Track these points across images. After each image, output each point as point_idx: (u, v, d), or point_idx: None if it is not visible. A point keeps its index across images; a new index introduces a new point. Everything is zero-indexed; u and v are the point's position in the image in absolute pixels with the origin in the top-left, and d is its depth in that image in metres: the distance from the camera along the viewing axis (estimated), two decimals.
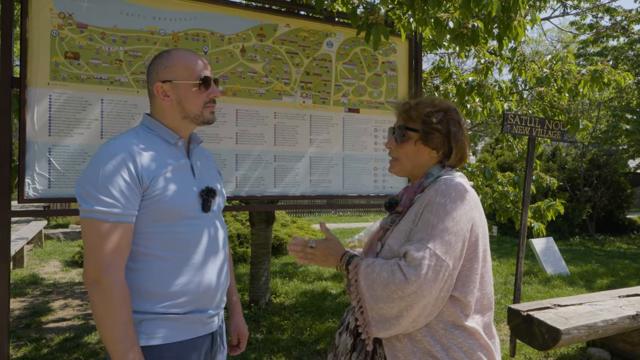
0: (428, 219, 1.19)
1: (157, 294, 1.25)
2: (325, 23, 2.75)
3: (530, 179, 3.77)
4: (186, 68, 1.33)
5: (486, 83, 4.08)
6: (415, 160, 1.34)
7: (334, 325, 4.28)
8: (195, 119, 1.36)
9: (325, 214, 16.01)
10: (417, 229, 1.20)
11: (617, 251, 9.58)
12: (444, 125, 1.31)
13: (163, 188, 1.24)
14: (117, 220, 1.17)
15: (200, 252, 1.31)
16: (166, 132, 1.34)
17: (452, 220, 1.17)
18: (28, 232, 7.53)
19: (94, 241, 1.17)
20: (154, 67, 1.35)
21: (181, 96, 1.33)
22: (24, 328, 4.21)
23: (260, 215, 4.85)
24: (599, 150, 12.69)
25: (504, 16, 2.45)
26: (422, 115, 1.31)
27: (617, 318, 3.22)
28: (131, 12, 2.24)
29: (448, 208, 1.19)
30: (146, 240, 1.24)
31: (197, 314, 1.31)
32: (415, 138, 1.32)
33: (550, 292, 5.79)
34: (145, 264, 1.25)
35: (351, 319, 1.32)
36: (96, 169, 1.19)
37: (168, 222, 1.26)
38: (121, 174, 1.18)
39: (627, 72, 4.09)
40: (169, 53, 1.36)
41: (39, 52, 2.06)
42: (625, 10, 10.42)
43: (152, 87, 1.34)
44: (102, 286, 1.15)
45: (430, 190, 1.25)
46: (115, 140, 1.26)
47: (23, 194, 2.01)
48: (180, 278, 1.27)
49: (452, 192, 1.21)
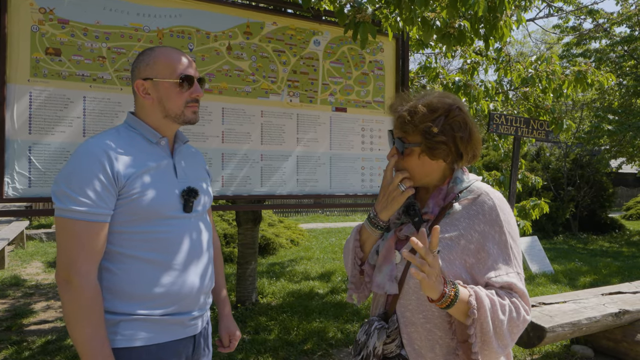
0: (502, 240, 1.14)
1: (135, 295, 1.22)
2: (313, 21, 2.74)
3: (515, 178, 3.81)
4: (168, 66, 1.30)
5: (472, 83, 4.11)
6: (422, 172, 1.21)
7: (321, 326, 4.27)
8: (177, 118, 1.33)
9: (313, 213, 16.01)
10: (493, 253, 1.12)
11: (600, 249, 9.76)
12: (448, 134, 1.16)
13: (140, 187, 1.22)
14: (90, 219, 1.16)
15: (182, 253, 1.28)
16: (148, 131, 1.32)
17: (517, 234, 1.18)
18: (9, 232, 7.36)
19: (65, 240, 1.16)
20: (136, 65, 1.33)
21: (162, 95, 1.31)
22: (5, 331, 4.12)
23: (247, 215, 4.82)
24: (582, 151, 12.93)
25: (490, 16, 2.47)
26: (421, 129, 1.16)
27: (600, 316, 3.27)
28: (114, 7, 2.19)
29: (512, 223, 1.17)
30: (124, 240, 1.22)
31: (178, 316, 1.28)
32: (418, 152, 1.18)
33: (535, 290, 5.87)
34: (124, 265, 1.22)
35: (377, 343, 1.17)
36: (71, 167, 1.18)
37: (146, 222, 1.23)
38: (95, 173, 1.16)
39: (609, 73, 4.16)
40: (152, 50, 1.33)
41: (19, 48, 2.00)
42: (607, 13, 10.62)
43: (134, 85, 1.32)
44: (71, 286, 1.14)
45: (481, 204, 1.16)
46: (94, 139, 1.24)
47: (2, 193, 1.95)
48: (159, 279, 1.24)
49: (505, 206, 1.18)
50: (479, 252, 1.13)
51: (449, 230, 1.16)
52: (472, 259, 1.13)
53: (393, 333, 1.18)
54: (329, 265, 7.25)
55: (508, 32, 2.57)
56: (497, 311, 1.07)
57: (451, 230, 1.16)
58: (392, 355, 1.17)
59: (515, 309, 1.09)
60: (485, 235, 1.13)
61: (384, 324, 1.20)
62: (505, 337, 1.09)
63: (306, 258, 7.81)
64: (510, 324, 1.09)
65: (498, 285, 1.11)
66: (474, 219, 1.15)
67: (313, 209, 16.18)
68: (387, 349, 1.18)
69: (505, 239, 1.14)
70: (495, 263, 1.12)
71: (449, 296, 1.04)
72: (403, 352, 1.17)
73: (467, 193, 1.19)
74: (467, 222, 1.15)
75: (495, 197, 1.18)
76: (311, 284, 5.95)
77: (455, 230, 1.15)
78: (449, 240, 1.14)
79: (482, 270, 1.13)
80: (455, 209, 1.18)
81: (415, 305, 1.17)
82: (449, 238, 1.15)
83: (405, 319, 1.17)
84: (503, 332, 1.08)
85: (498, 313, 1.07)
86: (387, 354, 1.18)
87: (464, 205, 1.18)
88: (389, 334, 1.18)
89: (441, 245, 1.14)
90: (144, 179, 1.23)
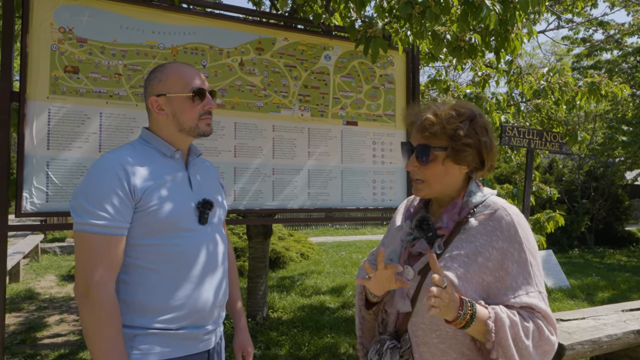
0: (522, 259, 1.09)
1: (151, 309, 1.22)
2: (323, 37, 2.77)
3: (529, 191, 3.77)
4: (180, 81, 1.32)
5: (483, 95, 4.11)
6: (444, 181, 1.17)
7: (332, 341, 4.22)
8: (191, 131, 1.35)
9: (323, 226, 15.96)
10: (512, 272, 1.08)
11: (617, 264, 9.55)
12: (474, 138, 1.14)
13: (157, 200, 1.23)
14: (108, 232, 1.17)
15: (197, 265, 1.29)
16: (163, 145, 1.33)
17: (537, 251, 1.14)
18: (24, 246, 7.46)
19: (84, 254, 1.17)
20: (149, 82, 1.35)
21: (176, 109, 1.33)
22: (19, 344, 4.14)
23: (258, 228, 4.82)
24: (595, 162, 12.75)
25: (502, 29, 2.47)
26: (449, 131, 1.13)
27: (621, 333, 3.18)
28: (131, 26, 2.25)
29: (531, 240, 1.13)
30: (141, 253, 1.23)
31: (192, 330, 1.28)
32: (443, 157, 1.15)
33: (552, 305, 5.75)
34: (140, 277, 1.23)
35: None
36: (89, 182, 1.20)
37: (163, 235, 1.24)
38: (113, 187, 1.18)
39: (623, 84, 4.13)
40: (163, 67, 1.36)
41: (39, 66, 2.06)
42: (618, 24, 10.57)
43: (148, 102, 1.35)
44: (90, 299, 1.15)
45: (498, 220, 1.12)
46: (110, 153, 1.27)
47: (20, 208, 1.99)
48: (175, 292, 1.25)
49: (523, 222, 1.14)
50: (497, 271, 1.09)
51: (465, 246, 1.11)
52: (490, 278, 1.09)
53: (406, 353, 1.14)
54: (339, 279, 7.20)
55: (520, 44, 2.57)
56: (518, 332, 1.02)
57: (467, 246, 1.11)
58: None
59: (539, 329, 1.05)
60: (504, 253, 1.09)
61: (396, 344, 1.16)
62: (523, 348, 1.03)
63: (316, 272, 7.77)
64: (536, 348, 1.05)
65: (518, 306, 1.06)
66: (491, 236, 1.11)
67: (323, 222, 16.13)
68: None
69: (526, 256, 1.09)
70: (515, 282, 1.08)
71: (464, 317, 1.00)
72: None
73: (483, 208, 1.15)
74: (485, 238, 1.11)
75: (512, 212, 1.14)
76: (322, 298, 5.91)
77: (472, 247, 1.10)
78: (466, 257, 1.10)
79: (500, 289, 1.09)
80: (471, 225, 1.13)
81: (428, 324, 1.13)
82: (465, 255, 1.10)
83: (418, 338, 1.13)
84: (529, 356, 1.04)
85: (520, 335, 1.02)
86: None
87: (481, 221, 1.13)
88: (401, 354, 1.14)
89: (457, 262, 1.10)
90: (160, 191, 1.25)
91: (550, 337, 1.06)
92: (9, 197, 2.01)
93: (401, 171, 2.98)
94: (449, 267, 1.09)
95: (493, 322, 1.02)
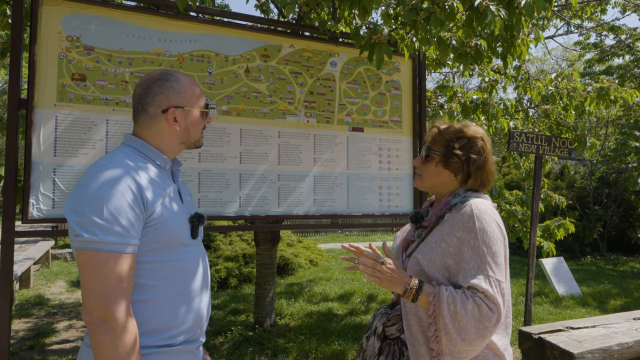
0: (476, 246, 1.27)
1: (156, 328, 1.17)
2: (329, 43, 2.78)
3: (538, 197, 3.72)
4: (194, 94, 1.31)
5: (491, 101, 4.08)
6: (435, 180, 1.45)
7: (340, 348, 4.19)
8: (194, 143, 1.35)
9: (332, 233, 15.92)
10: (466, 257, 1.27)
11: (630, 271, 9.37)
12: (465, 152, 1.40)
13: (162, 214, 1.17)
14: (124, 251, 1.07)
15: (196, 279, 1.26)
16: (158, 156, 1.27)
17: (495, 242, 1.28)
18: (35, 252, 7.54)
19: (99, 274, 1.05)
20: (161, 90, 1.27)
21: (189, 123, 1.30)
22: (28, 350, 4.17)
23: (265, 235, 4.82)
24: (608, 168, 12.56)
25: (507, 35, 2.46)
26: (445, 141, 1.43)
27: (633, 341, 3.10)
28: (137, 34, 2.28)
29: (489, 232, 1.28)
30: (145, 270, 1.16)
31: (188, 345, 1.24)
32: (437, 160, 1.43)
33: (562, 313, 5.65)
34: (145, 296, 1.16)
35: (378, 324, 1.42)
36: (98, 193, 1.08)
37: (167, 250, 1.19)
38: (127, 200, 1.09)
39: (634, 90, 4.07)
40: (175, 78, 1.30)
41: (47, 74, 2.09)
42: (630, 29, 10.45)
43: (159, 110, 1.26)
44: (111, 324, 1.03)
45: (462, 214, 1.32)
46: (111, 162, 1.15)
47: (27, 214, 2.01)
48: (179, 308, 1.20)
49: (485, 216, 1.30)
50: (455, 255, 1.29)
51: (436, 235, 1.35)
52: (450, 261, 1.30)
53: (393, 318, 1.40)
54: (348, 286, 7.15)
55: (526, 50, 2.56)
56: (456, 306, 1.21)
57: (437, 235, 1.34)
58: (392, 337, 1.38)
59: (478, 305, 1.21)
60: (462, 241, 1.29)
61: (387, 310, 1.46)
62: (470, 332, 1.21)
63: (325, 278, 7.73)
64: (474, 320, 1.21)
65: (466, 286, 1.25)
66: (454, 226, 1.32)
67: (332, 229, 16.12)
68: (388, 330, 1.40)
69: (479, 244, 1.27)
70: (467, 265, 1.27)
71: (410, 292, 1.26)
72: (402, 336, 1.36)
73: (460, 205, 1.36)
74: (450, 228, 1.33)
75: (477, 208, 1.32)
76: (330, 305, 5.87)
77: (439, 235, 1.33)
78: (433, 243, 1.34)
79: (457, 271, 1.29)
80: (446, 218, 1.36)
81: None
82: (433, 241, 1.34)
83: (406, 307, 1.36)
84: (465, 327, 1.21)
85: (458, 308, 1.21)
86: (389, 335, 1.39)
87: (452, 215, 1.35)
88: (389, 318, 1.41)
89: (426, 246, 1.34)
90: (164, 205, 1.19)
91: (489, 313, 1.21)
92: (16, 203, 2.03)
93: (408, 177, 2.96)
94: (420, 251, 1.35)
95: (433, 297, 1.25)
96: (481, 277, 1.24)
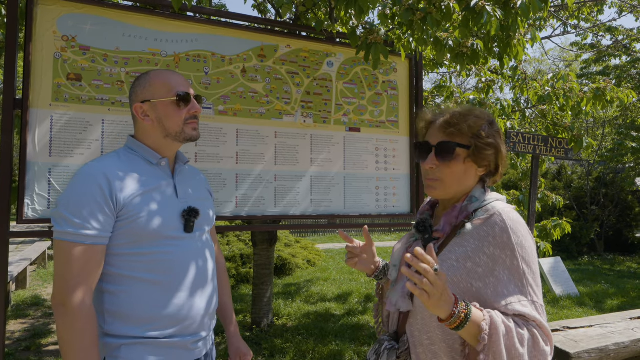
0: (514, 265, 1.05)
1: (138, 318, 1.21)
2: (326, 43, 2.77)
3: (535, 198, 3.73)
4: (163, 86, 1.33)
5: (488, 101, 4.08)
6: (461, 181, 1.15)
7: (337, 349, 4.19)
8: (177, 136, 1.34)
9: (330, 233, 15.91)
10: (503, 279, 1.05)
11: (627, 271, 9.40)
12: (494, 139, 1.15)
13: (140, 209, 1.22)
14: (86, 242, 1.16)
15: (184, 273, 1.27)
16: (148, 153, 1.33)
17: (534, 260, 1.09)
18: (32, 252, 7.52)
19: (62, 263, 1.16)
20: (134, 90, 1.36)
21: (161, 114, 1.33)
22: (24, 350, 4.16)
23: (263, 235, 4.81)
24: (605, 169, 12.60)
25: (504, 35, 2.46)
26: (475, 129, 1.13)
27: (629, 341, 3.12)
28: (133, 34, 2.27)
29: (527, 247, 1.07)
30: (124, 262, 1.22)
31: (180, 339, 1.26)
32: (464, 155, 1.13)
33: (560, 313, 5.66)
34: (125, 287, 1.22)
35: None
36: (70, 190, 1.19)
37: (147, 243, 1.23)
38: (93, 196, 1.17)
39: (630, 90, 4.08)
40: (147, 74, 1.37)
41: (42, 74, 2.08)
42: (627, 30, 10.49)
43: (132, 109, 1.35)
44: (66, 309, 1.13)
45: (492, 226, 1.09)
46: (93, 162, 1.26)
47: (22, 214, 2.00)
48: (164, 301, 1.23)
49: (520, 228, 1.09)
50: (487, 277, 1.06)
51: (457, 250, 1.10)
52: (480, 284, 1.06)
53: (403, 354, 1.13)
54: (345, 286, 7.15)
55: (522, 50, 2.56)
56: (513, 339, 0.98)
57: (459, 250, 1.10)
58: None
59: (534, 339, 1.01)
60: (495, 259, 1.06)
61: (394, 344, 1.16)
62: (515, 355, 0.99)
63: (322, 279, 7.73)
64: (530, 358, 1.01)
65: (510, 314, 1.02)
66: (483, 241, 1.08)
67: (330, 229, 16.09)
68: None
69: (518, 264, 1.05)
70: (507, 290, 1.04)
71: (458, 317, 0.96)
72: None
73: (482, 212, 1.12)
74: (477, 243, 1.08)
75: (509, 217, 1.09)
76: (327, 306, 5.87)
77: (463, 252, 1.09)
78: (455, 261, 1.08)
79: (491, 296, 1.04)
80: (466, 229, 1.11)
81: (420, 325, 1.11)
82: (455, 259, 1.09)
83: (415, 339, 1.12)
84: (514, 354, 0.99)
85: (514, 342, 0.98)
86: None
87: (475, 226, 1.11)
88: (398, 355, 1.13)
89: (446, 265, 1.09)
90: (144, 200, 1.24)
91: (545, 348, 1.02)
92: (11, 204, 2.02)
93: (405, 178, 2.96)
94: None
95: (487, 325, 0.98)
96: (528, 304, 1.03)
